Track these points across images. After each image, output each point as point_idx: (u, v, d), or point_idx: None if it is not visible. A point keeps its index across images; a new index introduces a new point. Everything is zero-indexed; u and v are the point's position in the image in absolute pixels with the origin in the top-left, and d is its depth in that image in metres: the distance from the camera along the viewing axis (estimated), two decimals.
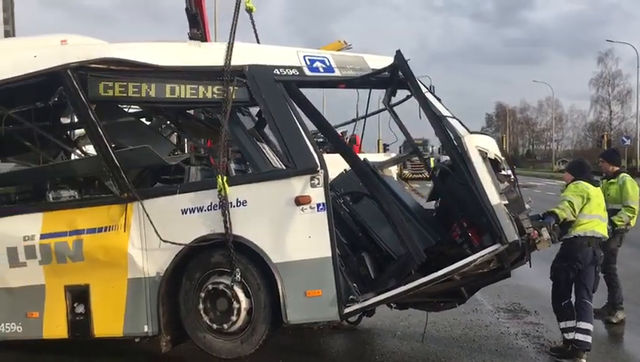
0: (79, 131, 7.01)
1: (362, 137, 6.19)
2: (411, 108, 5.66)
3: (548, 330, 6.10)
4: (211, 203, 4.72)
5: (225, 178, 4.66)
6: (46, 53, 4.81)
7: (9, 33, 11.67)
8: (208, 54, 5.07)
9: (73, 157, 6.72)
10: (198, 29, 12.30)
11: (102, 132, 4.84)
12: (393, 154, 9.60)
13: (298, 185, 4.61)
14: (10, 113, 5.02)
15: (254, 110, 5.82)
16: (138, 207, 4.86)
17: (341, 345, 6.08)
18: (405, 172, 28.72)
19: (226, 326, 4.73)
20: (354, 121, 6.05)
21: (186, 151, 6.45)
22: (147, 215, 4.79)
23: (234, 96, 4.89)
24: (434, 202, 6.06)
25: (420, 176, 26.16)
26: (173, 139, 6.67)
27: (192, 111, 6.14)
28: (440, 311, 5.67)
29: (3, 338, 5.25)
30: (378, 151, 21.36)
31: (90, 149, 6.96)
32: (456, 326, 6.32)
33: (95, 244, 4.92)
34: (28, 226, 5.02)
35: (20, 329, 5.17)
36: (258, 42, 6.07)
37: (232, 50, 4.98)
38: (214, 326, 4.77)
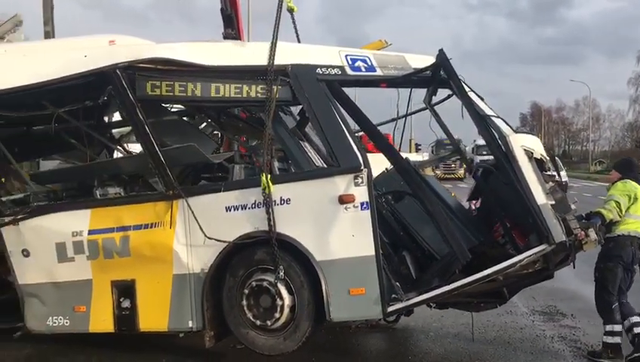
0: (119, 130, 7.18)
1: (402, 136, 6.19)
2: (449, 107, 5.69)
3: (585, 334, 5.99)
4: (255, 201, 4.78)
5: (269, 176, 4.72)
6: (96, 53, 4.93)
7: (49, 34, 11.93)
8: (252, 54, 5.12)
9: (116, 155, 6.89)
10: (232, 29, 12.44)
11: (149, 130, 4.93)
12: (425, 154, 9.57)
13: (342, 183, 4.63)
14: (60, 112, 5.16)
15: (295, 109, 5.86)
16: (183, 204, 4.94)
17: (374, 345, 6.06)
18: (437, 172, 28.56)
19: (269, 322, 4.78)
20: (394, 120, 6.05)
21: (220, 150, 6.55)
22: (192, 212, 4.87)
23: (277, 96, 4.94)
24: (468, 202, 6.04)
25: (452, 176, 25.94)
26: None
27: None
28: (480, 311, 5.64)
29: (51, 332, 5.39)
30: (410, 151, 21.24)
31: (132, 147, 7.15)
32: (491, 327, 6.26)
33: (141, 240, 5.02)
34: (76, 222, 5.15)
35: (67, 322, 5.30)
36: (299, 42, 6.11)
37: (275, 49, 5.02)
38: (257, 322, 4.83)
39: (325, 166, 5.30)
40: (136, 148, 7.28)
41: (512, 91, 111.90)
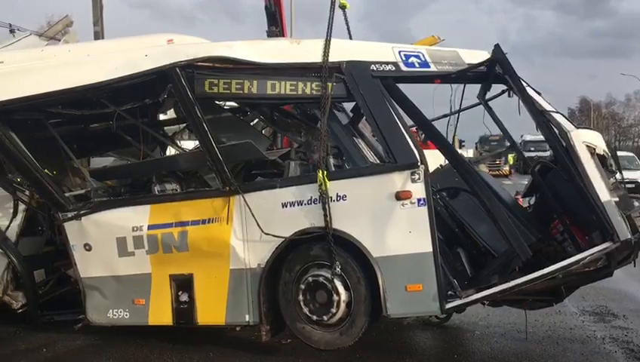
0: (171, 128, 7.32)
1: (454, 132, 6.13)
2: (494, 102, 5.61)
3: (638, 335, 5.81)
4: (311, 197, 4.82)
5: (325, 173, 4.76)
6: (156, 52, 5.03)
7: (98, 34, 12.25)
8: (307, 51, 5.15)
9: (169, 152, 7.03)
10: (276, 27, 12.58)
11: (207, 128, 5.02)
12: (470, 151, 9.47)
13: (399, 180, 4.63)
14: (120, 110, 5.30)
15: (348, 106, 5.88)
16: (239, 200, 5.02)
17: (418, 342, 5.99)
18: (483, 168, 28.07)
19: (325, 317, 4.82)
20: (447, 115, 6.02)
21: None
22: (249, 208, 4.94)
23: (332, 92, 4.97)
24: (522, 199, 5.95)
25: (497, 172, 25.52)
26: None
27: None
28: (535, 309, 5.57)
29: (111, 324, 5.54)
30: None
31: (184, 145, 7.29)
32: (539, 327, 6.10)
33: (199, 236, 5.12)
34: (136, 217, 5.29)
35: (127, 315, 5.45)
36: (351, 38, 6.12)
37: (329, 46, 5.05)
38: (314, 317, 4.88)
39: (379, 162, 5.32)
40: (188, 145, 7.46)
41: (560, 86, 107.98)
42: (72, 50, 5.18)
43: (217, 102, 5.88)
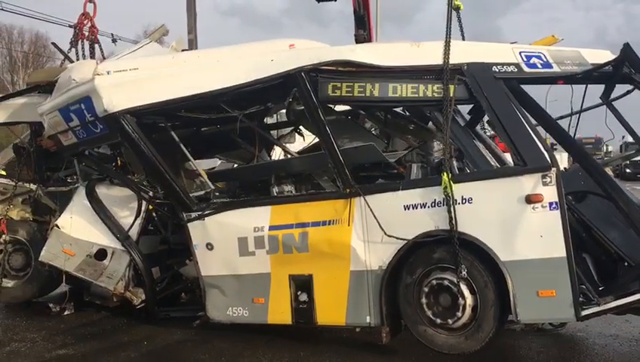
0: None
1: (574, 133, 5.92)
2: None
3: None
4: (435, 200, 4.80)
5: (450, 175, 4.73)
6: (282, 57, 5.16)
7: (192, 42, 12.69)
8: (426, 54, 5.15)
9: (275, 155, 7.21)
10: (364, 30, 12.59)
11: (329, 131, 5.10)
12: (565, 154, 9.14)
13: (529, 183, 4.54)
14: (240, 114, 5.46)
15: (463, 108, 5.83)
16: (360, 202, 5.06)
17: (515, 348, 5.66)
18: None
19: (450, 321, 4.78)
20: (568, 115, 5.83)
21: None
22: (371, 210, 4.97)
23: (454, 95, 4.94)
24: None
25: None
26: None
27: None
28: None
29: (230, 321, 5.69)
30: None
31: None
32: None
33: (319, 237, 5.19)
34: (258, 218, 5.41)
35: (246, 313, 5.58)
36: (464, 39, 6.07)
37: (449, 48, 5.03)
38: (438, 320, 4.84)
39: (498, 165, 5.23)
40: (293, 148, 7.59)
41: None
42: (201, 57, 5.40)
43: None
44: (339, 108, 6.49)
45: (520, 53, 5.19)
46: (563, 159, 5.86)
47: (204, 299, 5.79)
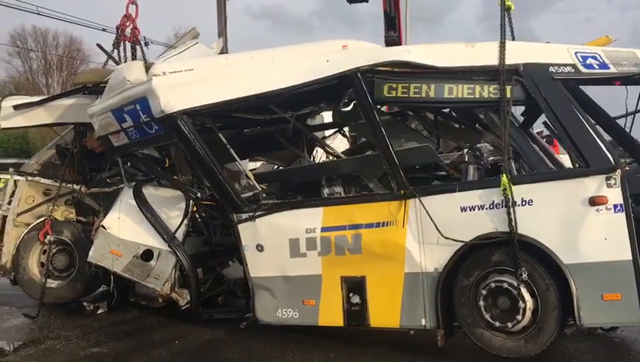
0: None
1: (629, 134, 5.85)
2: None
3: None
4: (493, 201, 4.75)
5: (509, 177, 4.68)
6: (337, 57, 5.14)
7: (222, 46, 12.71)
8: (482, 54, 5.11)
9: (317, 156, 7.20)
10: (394, 31, 12.56)
11: (384, 132, 5.07)
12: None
13: (592, 184, 4.48)
14: (290, 116, 5.45)
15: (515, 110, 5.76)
16: (415, 204, 5.03)
17: (559, 352, 5.65)
18: None
19: (510, 324, 4.72)
20: (618, 117, 5.76)
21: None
22: (427, 212, 4.93)
23: (511, 96, 4.90)
24: None
25: None
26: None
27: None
28: None
29: (279, 323, 5.66)
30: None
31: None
32: None
33: (373, 238, 5.16)
34: (310, 219, 5.39)
35: (296, 315, 5.55)
36: (513, 40, 6.01)
37: (504, 49, 4.99)
38: (496, 323, 4.79)
39: (553, 166, 5.17)
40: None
41: None
42: (255, 58, 5.39)
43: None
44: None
45: (575, 53, 5.13)
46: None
47: (253, 300, 5.77)
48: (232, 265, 7.15)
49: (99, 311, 7.21)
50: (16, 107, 7.10)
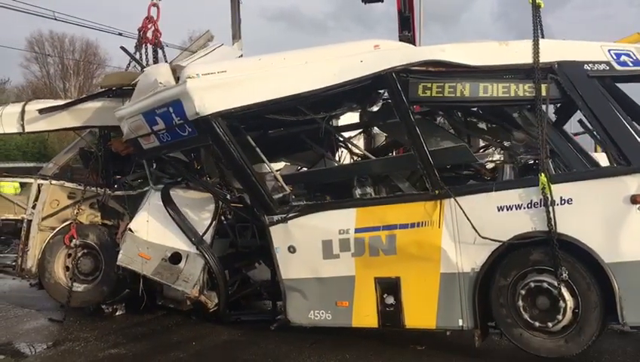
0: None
1: None
2: None
3: None
4: (531, 200, 4.73)
5: (548, 176, 4.66)
6: (371, 57, 5.12)
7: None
8: (516, 52, 5.09)
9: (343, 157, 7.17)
10: (408, 31, 12.51)
11: (419, 132, 5.05)
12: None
13: (633, 183, 4.46)
14: (326, 117, 5.44)
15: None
16: (450, 204, 5.00)
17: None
18: None
19: (550, 324, 4.70)
20: None
21: None
22: (463, 212, 4.90)
23: (546, 94, 4.88)
24: None
25: None
26: None
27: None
28: None
29: (312, 325, 5.63)
30: (595, 150, 19.97)
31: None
32: None
33: (408, 239, 5.14)
34: (343, 221, 5.35)
35: (329, 316, 5.51)
36: (543, 37, 5.98)
37: (538, 47, 4.98)
38: (536, 323, 4.76)
39: (588, 165, 5.14)
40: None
41: None
42: (288, 59, 5.36)
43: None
44: None
45: (609, 50, 5.12)
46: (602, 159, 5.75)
47: (284, 302, 5.74)
48: (259, 267, 7.11)
49: (117, 313, 7.24)
50: (40, 111, 7.09)
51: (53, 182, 7.42)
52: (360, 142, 7.87)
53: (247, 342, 6.00)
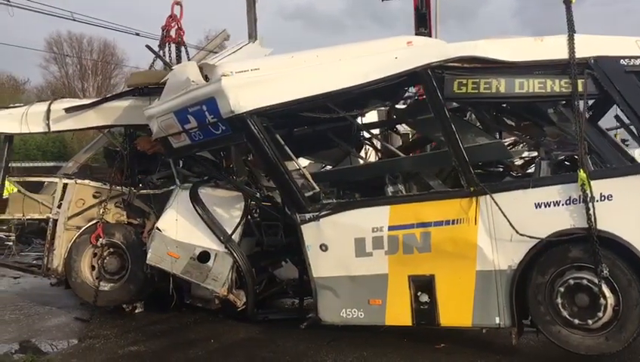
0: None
1: None
2: None
3: None
4: (570, 197, 4.69)
5: (587, 172, 4.61)
6: (406, 54, 5.10)
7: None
8: (551, 48, 5.04)
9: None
10: (425, 28, 12.48)
11: (454, 128, 5.01)
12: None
13: None
14: (359, 114, 5.41)
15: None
16: (486, 201, 4.96)
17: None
18: None
19: (590, 321, 4.66)
20: None
21: None
22: (500, 209, 4.86)
23: (583, 89, 4.84)
24: None
25: None
26: None
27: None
28: None
29: (344, 323, 5.59)
30: None
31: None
32: None
33: (443, 236, 5.10)
34: (376, 218, 5.31)
35: (362, 315, 5.48)
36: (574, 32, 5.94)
37: (573, 42, 4.93)
38: (575, 321, 4.72)
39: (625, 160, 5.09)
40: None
41: None
42: (321, 56, 5.34)
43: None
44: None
45: None
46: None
47: (315, 300, 5.70)
48: (286, 265, 7.10)
49: (136, 311, 7.27)
50: (67, 110, 7.09)
51: (79, 181, 7.41)
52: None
53: (266, 339, 6.01)
